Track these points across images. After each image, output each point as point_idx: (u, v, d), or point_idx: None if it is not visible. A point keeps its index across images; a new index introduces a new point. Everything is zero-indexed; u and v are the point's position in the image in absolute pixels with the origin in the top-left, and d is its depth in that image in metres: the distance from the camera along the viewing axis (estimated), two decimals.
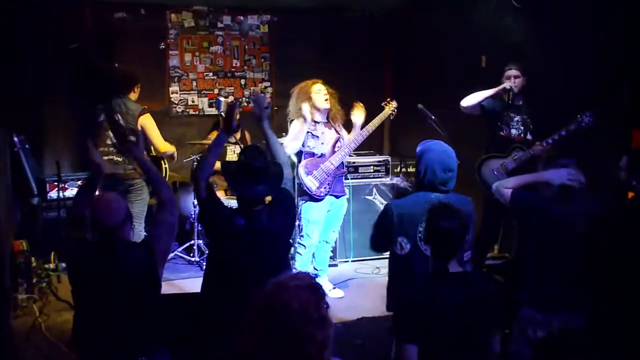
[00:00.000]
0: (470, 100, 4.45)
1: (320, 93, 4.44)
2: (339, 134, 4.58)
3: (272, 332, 1.65)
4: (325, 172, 4.46)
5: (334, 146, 4.53)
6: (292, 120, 4.52)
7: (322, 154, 4.49)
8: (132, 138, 4.47)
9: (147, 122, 4.62)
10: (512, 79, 4.39)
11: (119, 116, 4.58)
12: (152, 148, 4.79)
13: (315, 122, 4.48)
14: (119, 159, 4.63)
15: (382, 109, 4.74)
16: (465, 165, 3.76)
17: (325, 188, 4.45)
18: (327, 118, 4.54)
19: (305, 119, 4.38)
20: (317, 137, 4.46)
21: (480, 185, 4.46)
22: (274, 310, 1.66)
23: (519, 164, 4.27)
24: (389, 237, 2.89)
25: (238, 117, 3.08)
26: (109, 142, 4.64)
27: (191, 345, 2.86)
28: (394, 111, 4.73)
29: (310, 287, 1.70)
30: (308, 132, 4.42)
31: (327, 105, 4.45)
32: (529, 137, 4.40)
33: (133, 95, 4.72)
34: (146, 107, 4.67)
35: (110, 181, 4.57)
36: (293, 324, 1.64)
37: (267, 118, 3.12)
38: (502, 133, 4.45)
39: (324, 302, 1.71)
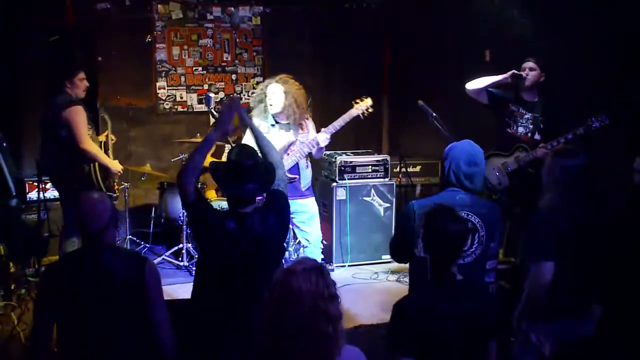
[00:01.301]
0: (476, 83, 4.31)
1: (267, 96, 4.33)
2: (296, 136, 4.41)
3: (288, 316, 1.81)
4: None
5: (287, 150, 4.39)
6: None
7: None
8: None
9: (71, 116, 4.21)
10: (527, 71, 4.21)
11: (49, 113, 4.30)
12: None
13: (272, 124, 4.38)
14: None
15: (382, 105, 4.53)
16: None
17: None
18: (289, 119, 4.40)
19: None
20: None
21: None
22: (286, 295, 1.82)
23: (520, 166, 4.18)
24: (411, 241, 2.78)
25: (236, 118, 2.91)
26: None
27: (181, 356, 2.74)
28: (368, 110, 4.46)
29: (316, 268, 1.87)
30: None
31: (271, 111, 4.32)
32: (537, 137, 4.25)
33: (74, 89, 4.32)
34: (75, 99, 4.28)
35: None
36: (306, 303, 1.80)
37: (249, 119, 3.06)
38: (508, 130, 4.32)
39: (332, 280, 1.88)
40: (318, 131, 4.44)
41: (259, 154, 2.91)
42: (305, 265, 1.89)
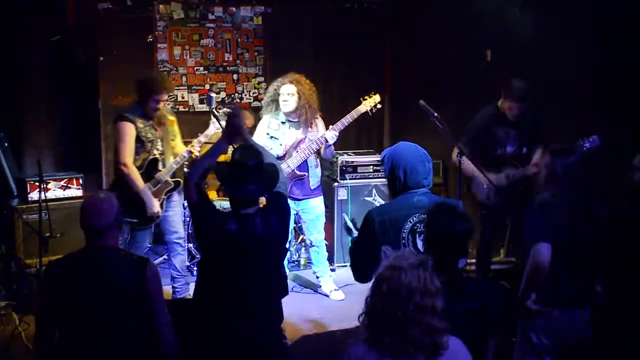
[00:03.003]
0: (467, 172, 4.07)
1: (281, 96, 4.38)
2: (306, 134, 4.44)
3: (398, 312, 1.81)
4: None
5: (296, 147, 4.42)
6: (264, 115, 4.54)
7: (277, 155, 4.37)
8: None
9: (116, 130, 4.18)
10: (513, 109, 4.13)
11: None
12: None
13: (282, 122, 4.44)
14: None
15: (384, 105, 4.55)
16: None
17: None
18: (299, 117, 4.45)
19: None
20: (277, 138, 4.41)
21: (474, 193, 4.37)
22: (396, 292, 1.82)
23: (510, 183, 4.14)
24: (374, 252, 2.67)
25: (243, 125, 2.99)
26: None
27: (182, 356, 2.75)
28: (375, 107, 4.49)
29: (421, 263, 1.87)
30: (267, 133, 4.40)
31: (284, 110, 4.38)
32: (524, 150, 4.23)
33: (145, 104, 4.20)
34: (126, 115, 4.16)
35: None
36: (416, 300, 1.81)
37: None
38: (498, 151, 4.25)
39: (435, 273, 1.88)
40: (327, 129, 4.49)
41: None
42: (411, 259, 1.89)
